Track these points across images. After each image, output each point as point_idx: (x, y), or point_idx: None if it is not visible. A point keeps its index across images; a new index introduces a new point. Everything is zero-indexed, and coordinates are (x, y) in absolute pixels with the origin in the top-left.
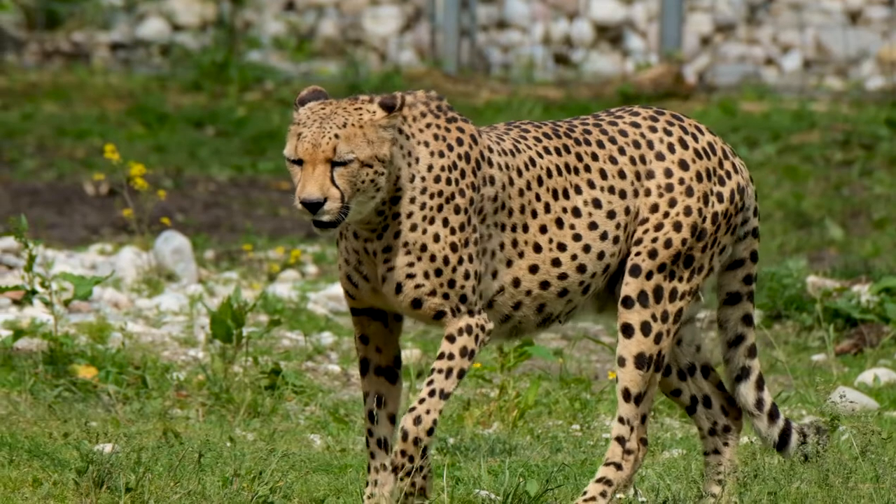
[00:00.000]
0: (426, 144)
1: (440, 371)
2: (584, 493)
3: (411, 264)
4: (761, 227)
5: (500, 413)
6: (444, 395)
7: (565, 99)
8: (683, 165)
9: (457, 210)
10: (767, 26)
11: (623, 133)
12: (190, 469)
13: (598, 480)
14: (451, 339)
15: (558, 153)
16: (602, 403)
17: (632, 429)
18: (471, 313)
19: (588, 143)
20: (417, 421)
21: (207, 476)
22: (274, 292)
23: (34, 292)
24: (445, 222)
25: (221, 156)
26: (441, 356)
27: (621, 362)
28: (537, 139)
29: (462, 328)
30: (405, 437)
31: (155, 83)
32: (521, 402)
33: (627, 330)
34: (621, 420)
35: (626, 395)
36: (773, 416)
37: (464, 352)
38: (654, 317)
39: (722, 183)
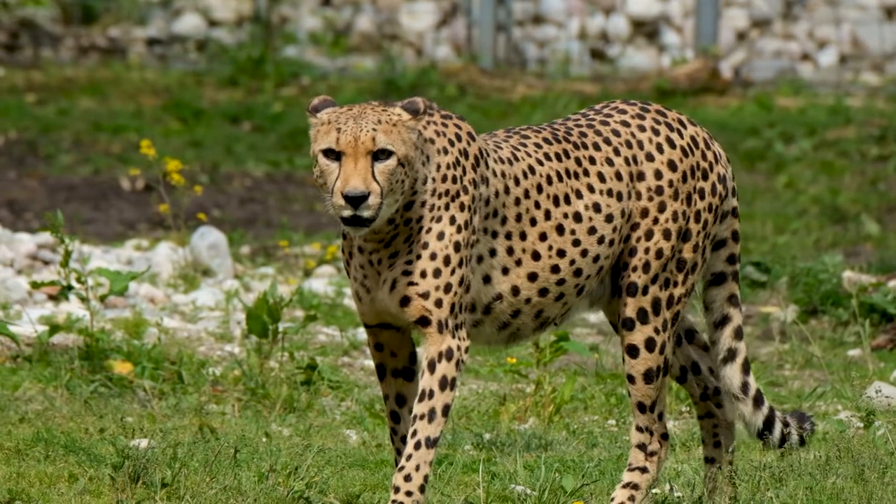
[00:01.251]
0: (432, 142)
1: (422, 417)
2: (612, 499)
3: (410, 262)
4: (797, 223)
5: (536, 408)
6: (432, 443)
7: (601, 94)
8: (672, 166)
9: (462, 207)
10: (803, 21)
11: (616, 133)
12: (226, 464)
13: (626, 486)
14: (432, 367)
15: (558, 159)
16: None
17: (651, 433)
18: (455, 330)
19: (585, 146)
20: (408, 479)
21: (243, 471)
22: (310, 287)
23: (70, 288)
24: (452, 220)
25: (257, 151)
26: (422, 396)
27: (631, 380)
28: (537, 146)
29: (443, 352)
30: (397, 491)
31: (191, 78)
32: (557, 398)
33: (633, 350)
34: (640, 429)
35: (642, 407)
36: (757, 401)
37: (444, 384)
38: (655, 330)
39: (705, 177)
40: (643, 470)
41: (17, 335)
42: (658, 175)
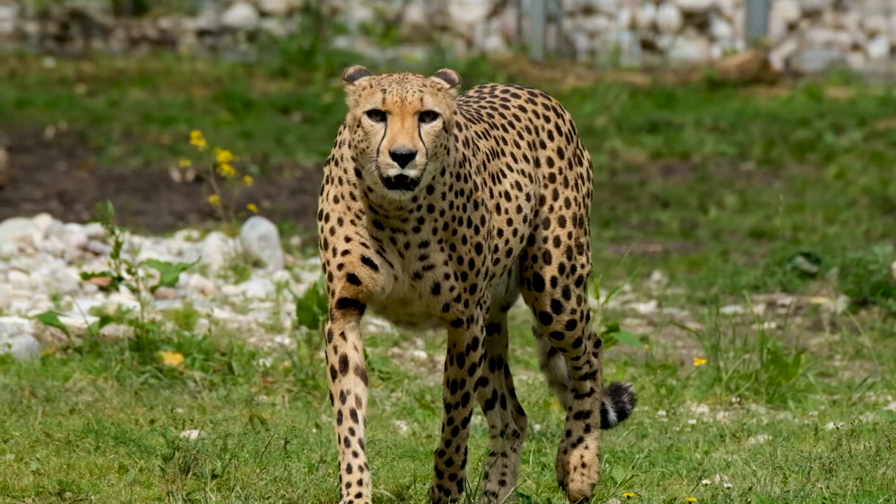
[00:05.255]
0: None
1: (457, 405)
2: (569, 432)
3: (446, 262)
4: (847, 214)
5: None
6: (468, 421)
7: (651, 85)
8: (560, 153)
9: (476, 205)
10: (854, 12)
11: (517, 118)
12: (276, 455)
13: (578, 416)
14: (461, 360)
15: (484, 137)
16: (688, 389)
17: (589, 364)
18: (478, 319)
19: (496, 126)
20: (450, 463)
21: (293, 462)
22: None
23: (121, 279)
24: (469, 222)
25: (308, 142)
26: (454, 386)
27: (563, 351)
28: (466, 125)
29: (469, 344)
30: (440, 475)
31: (241, 69)
32: None
33: (558, 336)
34: (577, 368)
35: (577, 360)
36: None
37: (472, 369)
38: (572, 311)
39: (580, 163)
40: (590, 393)
41: (68, 326)
42: (550, 163)
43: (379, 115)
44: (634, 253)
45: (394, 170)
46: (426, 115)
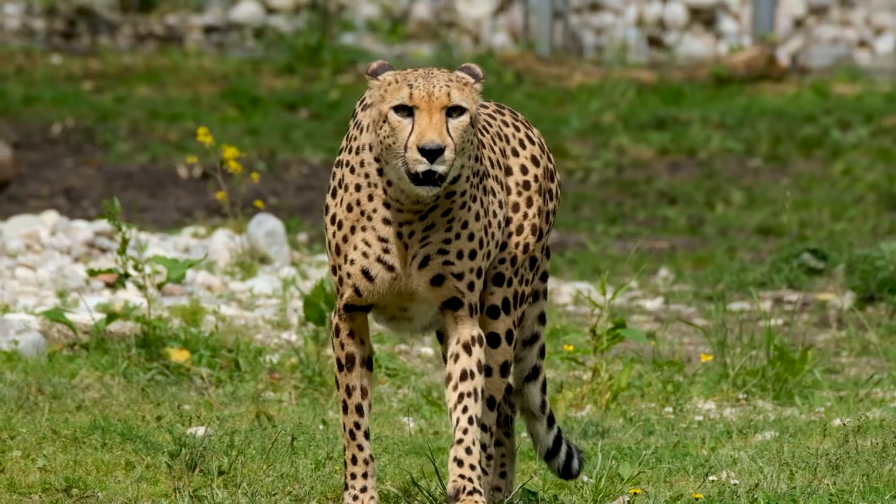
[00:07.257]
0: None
1: (469, 395)
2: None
3: (448, 241)
4: (854, 210)
5: (593, 395)
6: (479, 421)
7: (658, 82)
8: (535, 162)
9: (485, 192)
10: (860, 8)
11: (488, 124)
12: (283, 452)
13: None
14: (468, 349)
15: None
16: (695, 386)
17: (492, 435)
18: (476, 307)
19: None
20: (469, 451)
21: (300, 459)
22: None
23: (127, 275)
24: (482, 202)
25: (314, 138)
26: (464, 375)
27: (488, 372)
28: None
29: (475, 337)
30: (461, 464)
31: (248, 66)
32: (614, 385)
33: (495, 340)
34: (484, 427)
35: (492, 403)
36: (551, 422)
37: (480, 367)
38: (514, 323)
39: (552, 179)
40: (485, 472)
41: (75, 323)
42: (524, 170)
43: (406, 110)
44: (641, 249)
45: (422, 165)
46: (454, 110)
